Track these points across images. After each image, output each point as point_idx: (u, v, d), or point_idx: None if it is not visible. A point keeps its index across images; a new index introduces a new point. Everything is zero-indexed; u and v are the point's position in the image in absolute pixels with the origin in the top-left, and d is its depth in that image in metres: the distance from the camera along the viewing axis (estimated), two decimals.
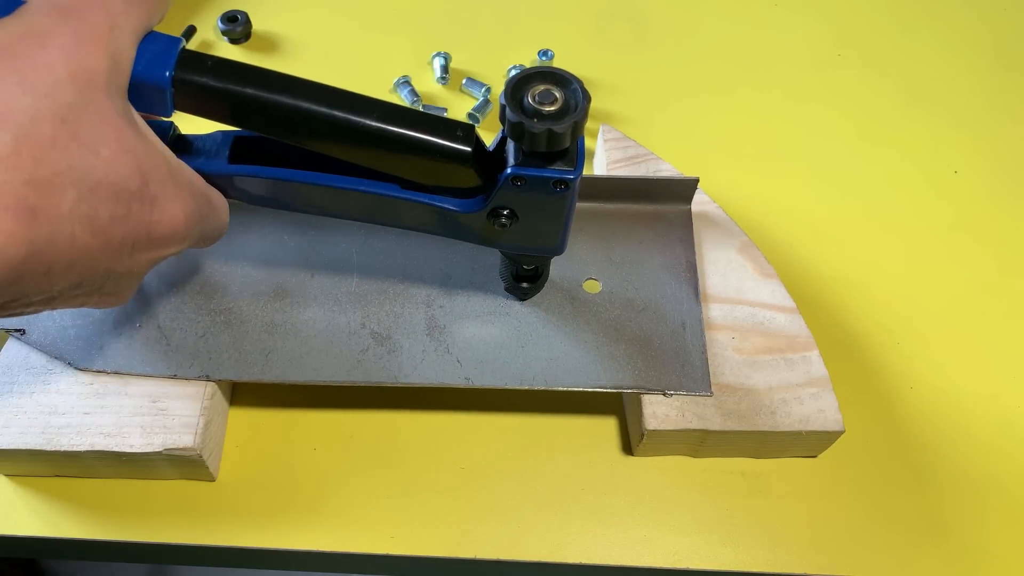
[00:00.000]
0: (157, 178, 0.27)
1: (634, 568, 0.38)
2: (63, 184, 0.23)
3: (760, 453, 0.40)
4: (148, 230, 0.27)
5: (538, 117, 0.27)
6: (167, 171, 0.27)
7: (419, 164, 0.29)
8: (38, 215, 0.23)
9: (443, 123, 0.29)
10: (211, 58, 0.28)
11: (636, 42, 0.59)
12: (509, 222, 0.31)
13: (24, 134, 0.22)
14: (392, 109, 0.29)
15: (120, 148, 0.25)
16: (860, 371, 0.44)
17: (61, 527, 0.38)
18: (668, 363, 0.39)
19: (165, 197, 0.27)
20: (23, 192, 0.22)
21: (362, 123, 0.28)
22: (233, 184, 0.32)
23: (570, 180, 0.29)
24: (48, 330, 0.40)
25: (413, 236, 0.43)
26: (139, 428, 0.37)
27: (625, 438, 0.41)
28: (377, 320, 0.40)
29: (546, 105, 0.27)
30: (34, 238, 0.23)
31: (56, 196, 0.23)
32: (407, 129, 0.29)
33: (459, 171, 0.30)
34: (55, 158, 0.23)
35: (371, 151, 0.29)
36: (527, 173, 0.29)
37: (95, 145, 0.24)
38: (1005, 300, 0.47)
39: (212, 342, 0.39)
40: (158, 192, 0.27)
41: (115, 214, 0.25)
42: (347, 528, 0.39)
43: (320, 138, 0.29)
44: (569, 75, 0.28)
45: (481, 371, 0.39)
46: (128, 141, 0.25)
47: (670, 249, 0.43)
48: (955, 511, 0.40)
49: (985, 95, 0.56)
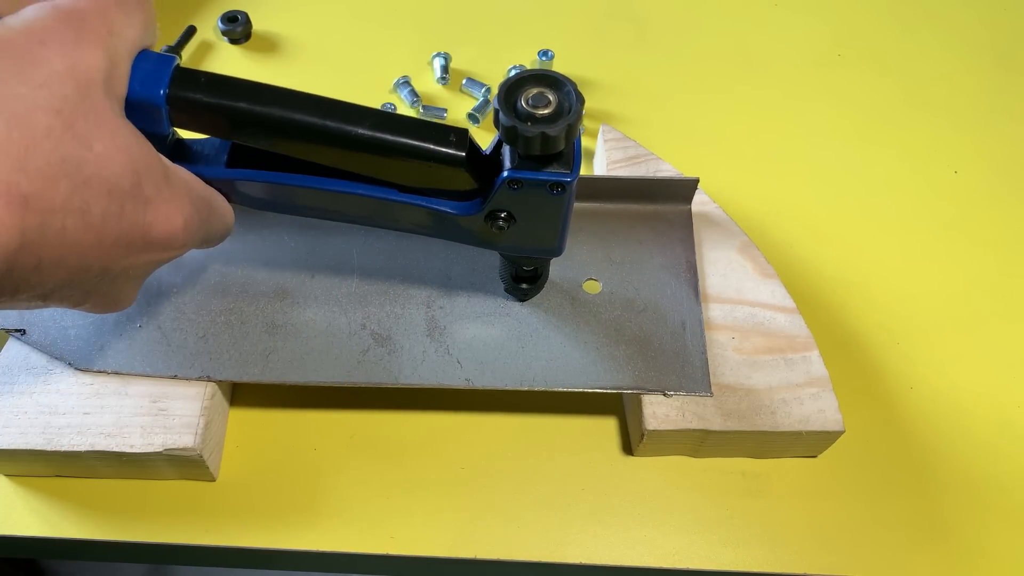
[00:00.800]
0: (152, 179, 0.26)
1: (634, 568, 0.38)
2: (56, 175, 0.23)
3: (760, 453, 0.40)
4: (143, 231, 0.27)
5: (532, 121, 0.27)
6: (162, 173, 0.27)
7: (414, 169, 0.29)
8: (30, 205, 0.23)
9: (436, 129, 0.29)
10: (204, 74, 0.28)
11: (636, 42, 0.59)
12: (507, 224, 0.31)
13: (17, 122, 0.22)
14: (385, 117, 0.29)
15: (114, 145, 0.25)
16: (860, 371, 0.44)
17: (61, 527, 0.38)
18: (668, 363, 0.39)
19: (160, 199, 0.27)
20: (15, 179, 0.22)
21: (355, 132, 0.28)
22: (232, 188, 0.32)
23: (566, 183, 0.29)
24: (49, 330, 0.40)
25: (413, 237, 0.43)
26: (139, 428, 0.37)
27: (625, 438, 0.41)
28: (377, 321, 0.40)
29: (540, 108, 0.27)
30: (26, 228, 0.23)
31: (48, 187, 0.23)
32: (400, 136, 0.29)
33: (454, 175, 0.30)
34: (48, 148, 0.23)
35: (366, 159, 0.29)
36: (523, 176, 0.29)
37: (89, 140, 0.24)
38: (1005, 300, 0.47)
39: (213, 343, 0.39)
40: (152, 193, 0.27)
41: (108, 211, 0.25)
42: (347, 528, 0.39)
43: (315, 149, 0.29)
44: (563, 77, 0.28)
45: (481, 372, 0.39)
46: (122, 139, 0.25)
47: (670, 249, 0.43)
48: (955, 511, 0.40)
49: (985, 95, 0.56)
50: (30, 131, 0.23)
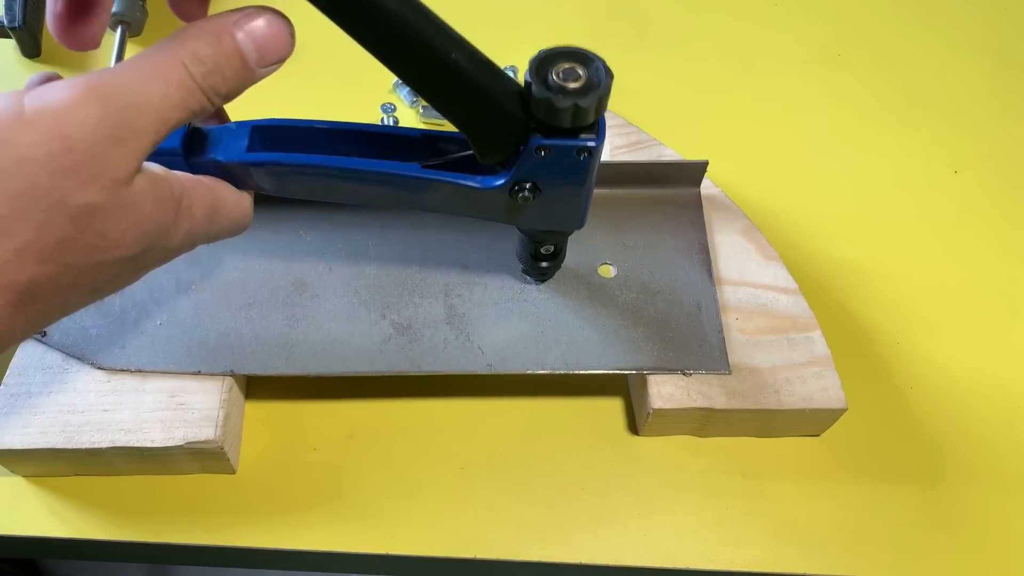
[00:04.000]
0: (162, 237, 0.26)
1: (634, 568, 0.38)
2: (64, 266, 0.24)
3: (764, 432, 0.41)
4: (144, 271, 0.28)
5: (563, 93, 0.28)
6: (173, 220, 0.26)
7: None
8: (35, 295, 0.23)
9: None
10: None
11: (636, 42, 0.60)
12: (532, 195, 0.32)
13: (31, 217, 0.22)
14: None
15: (129, 222, 0.24)
16: (860, 371, 0.44)
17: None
18: (686, 343, 0.40)
19: (170, 247, 0.27)
20: (21, 274, 0.23)
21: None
22: (252, 174, 0.32)
23: (592, 147, 0.30)
24: (69, 331, 0.40)
25: (428, 227, 0.43)
26: (159, 423, 0.37)
27: (631, 418, 0.41)
28: (397, 310, 0.41)
29: (570, 82, 0.28)
30: (28, 317, 0.24)
31: (56, 275, 0.24)
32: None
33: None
34: (60, 243, 0.23)
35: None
36: (551, 143, 0.30)
37: (103, 230, 0.24)
38: (1005, 300, 0.47)
39: (234, 337, 0.40)
40: (162, 246, 0.27)
41: (115, 281, 0.26)
42: (347, 528, 0.38)
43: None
44: (592, 54, 0.29)
45: (502, 357, 0.39)
46: (139, 213, 0.25)
47: (682, 232, 0.43)
48: (955, 512, 0.40)
49: (985, 95, 0.57)
50: (44, 229, 0.23)
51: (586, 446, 0.41)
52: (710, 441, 0.41)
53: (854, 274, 0.47)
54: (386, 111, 0.54)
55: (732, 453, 0.41)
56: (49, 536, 0.38)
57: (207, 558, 0.40)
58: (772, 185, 0.51)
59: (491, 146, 0.30)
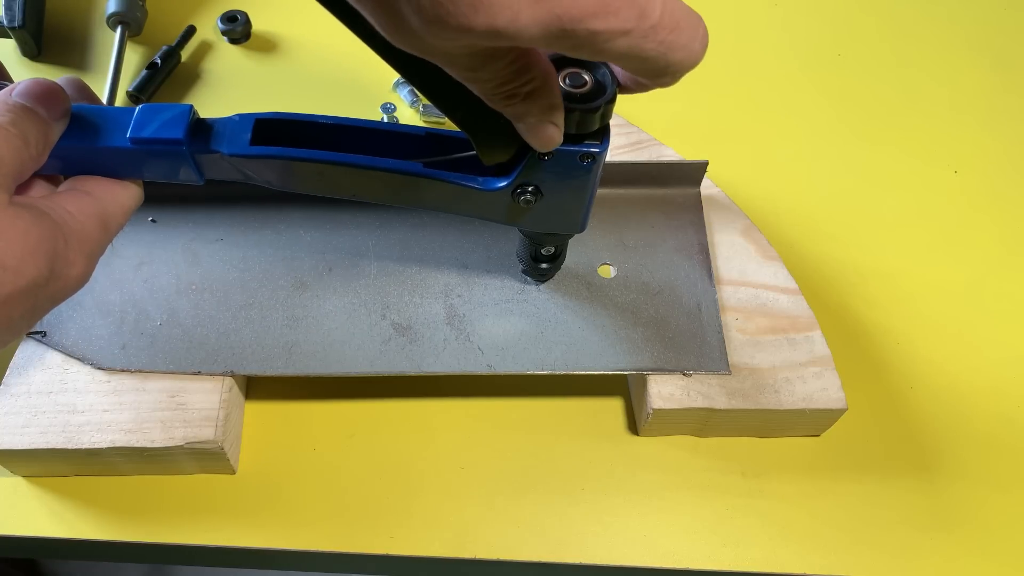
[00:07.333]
0: (63, 249, 0.26)
1: (634, 568, 0.38)
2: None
3: (764, 432, 0.41)
4: (64, 287, 0.27)
5: (570, 100, 0.28)
6: (65, 234, 0.27)
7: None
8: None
9: None
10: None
11: None
12: (534, 199, 0.32)
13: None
14: None
15: (25, 249, 0.25)
16: (860, 371, 0.44)
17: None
18: (686, 344, 0.40)
19: (73, 256, 0.27)
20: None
21: None
22: (254, 168, 0.32)
23: (596, 153, 0.30)
24: (69, 332, 0.40)
25: (428, 227, 0.43)
26: (159, 423, 0.37)
27: (631, 418, 0.41)
28: (397, 311, 0.41)
29: (577, 88, 0.28)
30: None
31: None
32: None
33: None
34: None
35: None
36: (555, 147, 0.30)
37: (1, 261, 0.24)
38: (1005, 300, 0.47)
39: (235, 338, 0.40)
40: (65, 257, 0.27)
41: (33, 311, 0.26)
42: (347, 528, 0.38)
43: None
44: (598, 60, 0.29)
45: (502, 357, 0.39)
46: (30, 239, 0.25)
47: (682, 232, 0.43)
48: (955, 512, 0.40)
49: (985, 95, 0.57)
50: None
51: (586, 446, 0.41)
52: (710, 441, 0.41)
53: (854, 274, 0.47)
54: (386, 111, 0.54)
55: (732, 453, 0.41)
56: (49, 536, 0.38)
57: (207, 558, 0.40)
58: (772, 185, 0.51)
59: (494, 148, 0.30)
